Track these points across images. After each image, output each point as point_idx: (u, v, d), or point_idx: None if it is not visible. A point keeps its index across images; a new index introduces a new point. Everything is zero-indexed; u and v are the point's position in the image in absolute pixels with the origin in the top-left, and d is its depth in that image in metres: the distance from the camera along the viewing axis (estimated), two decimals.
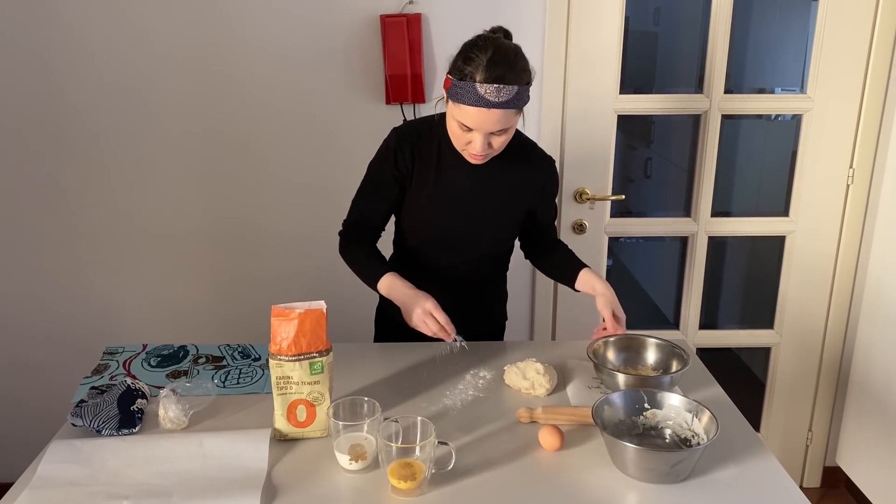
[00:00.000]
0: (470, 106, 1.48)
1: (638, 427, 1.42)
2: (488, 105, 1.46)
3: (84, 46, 2.27)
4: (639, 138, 2.70)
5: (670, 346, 1.65)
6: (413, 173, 1.70)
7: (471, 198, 1.71)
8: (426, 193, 1.71)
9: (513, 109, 1.50)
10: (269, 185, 2.43)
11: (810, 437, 2.76)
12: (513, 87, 1.47)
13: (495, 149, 1.58)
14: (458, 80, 1.49)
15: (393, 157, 1.68)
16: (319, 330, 1.40)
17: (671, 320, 2.74)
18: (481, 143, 1.54)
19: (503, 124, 1.51)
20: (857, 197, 2.49)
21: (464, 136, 1.56)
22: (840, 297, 2.59)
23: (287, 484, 1.31)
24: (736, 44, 2.38)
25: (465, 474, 1.32)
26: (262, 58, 2.31)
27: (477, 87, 1.46)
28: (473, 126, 1.51)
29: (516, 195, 1.73)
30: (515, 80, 1.48)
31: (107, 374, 1.69)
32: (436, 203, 1.71)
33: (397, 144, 1.68)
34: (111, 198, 2.42)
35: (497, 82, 1.45)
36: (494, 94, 1.46)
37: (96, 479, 1.31)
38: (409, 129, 1.72)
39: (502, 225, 1.77)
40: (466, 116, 1.50)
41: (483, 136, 1.53)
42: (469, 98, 1.47)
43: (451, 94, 1.52)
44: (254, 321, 2.49)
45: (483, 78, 1.45)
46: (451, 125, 1.57)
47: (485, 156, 1.59)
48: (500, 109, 1.48)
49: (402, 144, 1.68)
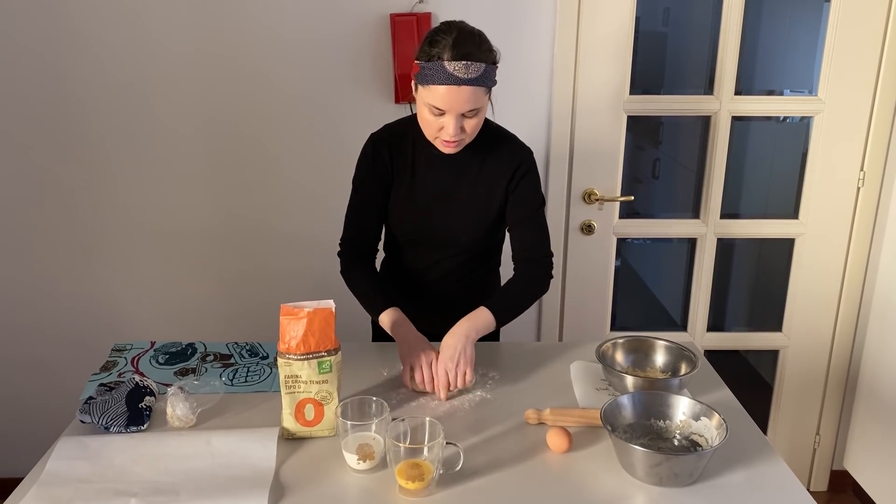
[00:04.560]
0: (440, 85, 1.50)
1: (646, 429, 1.42)
2: (458, 82, 1.49)
3: (90, 43, 2.28)
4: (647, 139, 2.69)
5: (679, 349, 1.64)
6: (393, 175, 1.73)
7: (447, 193, 1.73)
8: (404, 193, 1.74)
9: (482, 87, 1.53)
10: (278, 183, 2.43)
11: (818, 440, 2.75)
12: (480, 65, 1.50)
13: (468, 133, 1.59)
14: (426, 62, 1.52)
15: (372, 163, 1.72)
16: (328, 329, 1.40)
17: (679, 322, 2.73)
18: (454, 126, 1.55)
19: (473, 103, 1.53)
20: (868, 200, 2.47)
21: (436, 122, 1.57)
22: (849, 301, 2.58)
23: (295, 483, 1.31)
24: (746, 45, 2.37)
25: (473, 475, 1.32)
26: (270, 56, 2.31)
27: (445, 65, 1.49)
28: (445, 106, 1.53)
29: (491, 185, 1.73)
30: (482, 58, 1.52)
31: (115, 372, 1.69)
32: (414, 201, 1.74)
33: (374, 150, 1.72)
34: (119, 195, 2.43)
35: (465, 59, 1.49)
36: (463, 70, 1.49)
37: (104, 476, 1.31)
38: (383, 132, 1.76)
39: (479, 219, 1.76)
40: (437, 97, 1.52)
41: (455, 118, 1.54)
42: (439, 77, 1.50)
43: (420, 78, 1.54)
44: (261, 319, 2.49)
45: (451, 56, 1.49)
46: (422, 112, 1.59)
47: (458, 142, 1.60)
48: (469, 87, 1.50)
49: (378, 148, 1.72)
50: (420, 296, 1.84)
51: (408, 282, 1.86)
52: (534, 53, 2.33)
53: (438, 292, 1.84)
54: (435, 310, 1.75)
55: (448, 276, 1.83)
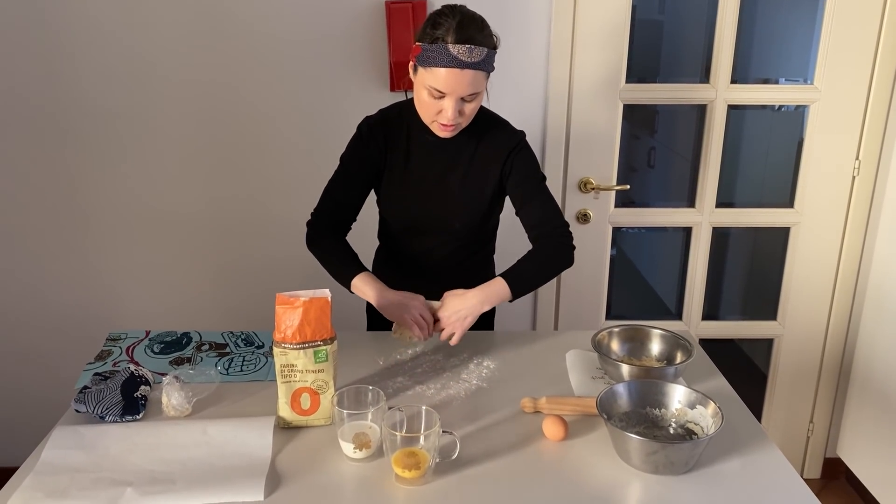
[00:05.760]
0: (443, 68, 1.50)
1: (642, 418, 1.42)
2: (461, 65, 1.50)
3: (83, 29, 2.25)
4: (643, 128, 2.69)
5: (675, 338, 1.65)
6: (385, 159, 1.74)
7: (439, 180, 1.73)
8: (398, 178, 1.74)
9: (483, 72, 1.54)
10: (272, 171, 2.42)
11: (811, 428, 2.76)
12: (483, 49, 1.51)
13: (466, 116, 1.59)
14: (428, 45, 1.52)
15: (364, 145, 1.73)
16: (324, 318, 1.40)
17: (674, 311, 2.73)
18: (453, 110, 1.55)
19: (474, 87, 1.54)
20: (863, 189, 2.48)
21: (434, 105, 1.57)
22: (844, 290, 2.59)
23: (291, 472, 1.31)
24: (742, 33, 2.36)
25: (470, 463, 1.32)
26: (265, 44, 2.29)
27: (449, 48, 1.49)
28: (446, 89, 1.53)
29: (483, 171, 1.73)
30: (485, 43, 1.52)
31: (110, 361, 1.68)
32: (407, 187, 1.74)
33: (369, 132, 1.73)
34: (113, 184, 2.41)
35: (468, 43, 1.49)
36: (467, 54, 1.49)
37: (100, 465, 1.31)
38: (379, 116, 1.76)
39: (473, 205, 1.76)
40: (439, 80, 1.52)
41: (455, 101, 1.55)
42: (442, 60, 1.50)
43: (421, 60, 1.54)
44: (257, 308, 2.49)
45: (454, 39, 1.49)
46: (421, 95, 1.58)
47: (455, 126, 1.60)
48: (472, 70, 1.51)
49: (373, 132, 1.72)
50: (414, 284, 1.84)
51: (402, 270, 1.86)
52: (530, 42, 2.32)
53: (432, 281, 1.83)
54: (429, 297, 1.75)
55: (442, 264, 1.84)
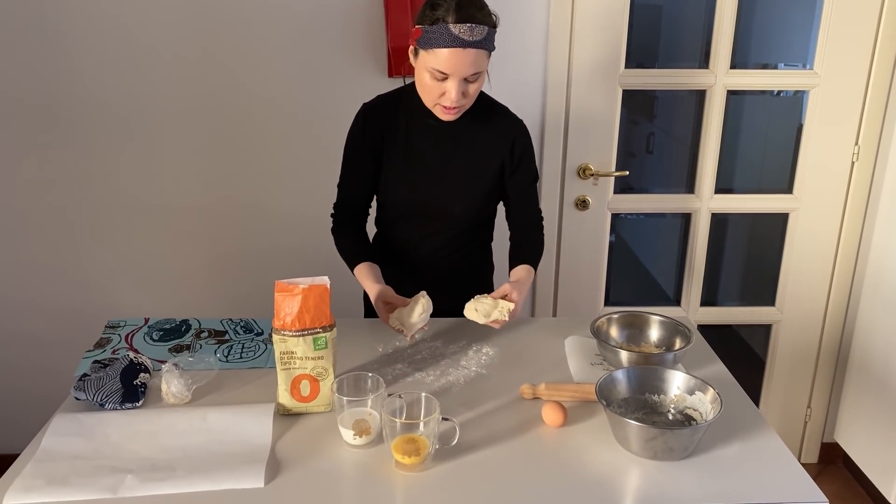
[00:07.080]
0: (445, 48, 1.50)
1: (641, 404, 1.42)
2: (463, 45, 1.49)
3: (78, 20, 2.24)
4: (641, 113, 2.68)
5: (674, 324, 1.65)
6: (384, 145, 1.73)
7: (440, 164, 1.73)
8: (396, 164, 1.73)
9: (484, 51, 1.53)
10: (269, 159, 2.41)
11: (809, 413, 2.77)
12: (484, 27, 1.50)
13: (469, 97, 1.59)
14: (429, 26, 1.51)
15: (362, 132, 1.72)
16: (323, 305, 1.39)
17: (672, 297, 2.74)
18: (456, 91, 1.54)
19: (477, 67, 1.53)
20: (862, 174, 2.47)
21: (437, 88, 1.56)
22: (842, 275, 2.59)
23: (291, 458, 1.31)
24: (741, 18, 2.34)
25: (469, 450, 1.33)
26: (261, 30, 2.28)
27: (451, 27, 1.48)
28: (449, 70, 1.52)
29: (484, 157, 1.74)
30: (485, 21, 1.52)
31: (109, 348, 1.68)
32: (406, 172, 1.74)
33: (365, 118, 1.73)
34: (111, 172, 2.40)
35: (469, 21, 1.48)
36: (468, 32, 1.48)
37: (100, 452, 1.31)
38: (377, 101, 1.75)
39: (473, 190, 1.76)
40: (441, 61, 1.51)
41: (458, 82, 1.54)
42: (443, 40, 1.49)
43: (422, 42, 1.52)
44: (256, 296, 2.49)
45: (455, 19, 1.48)
46: (423, 78, 1.57)
47: (458, 108, 1.60)
48: (474, 49, 1.50)
49: (370, 117, 1.72)
50: (413, 270, 1.84)
51: (400, 257, 1.85)
52: (528, 27, 2.31)
53: (431, 267, 1.84)
54: (427, 285, 1.74)
55: (440, 250, 1.83)
